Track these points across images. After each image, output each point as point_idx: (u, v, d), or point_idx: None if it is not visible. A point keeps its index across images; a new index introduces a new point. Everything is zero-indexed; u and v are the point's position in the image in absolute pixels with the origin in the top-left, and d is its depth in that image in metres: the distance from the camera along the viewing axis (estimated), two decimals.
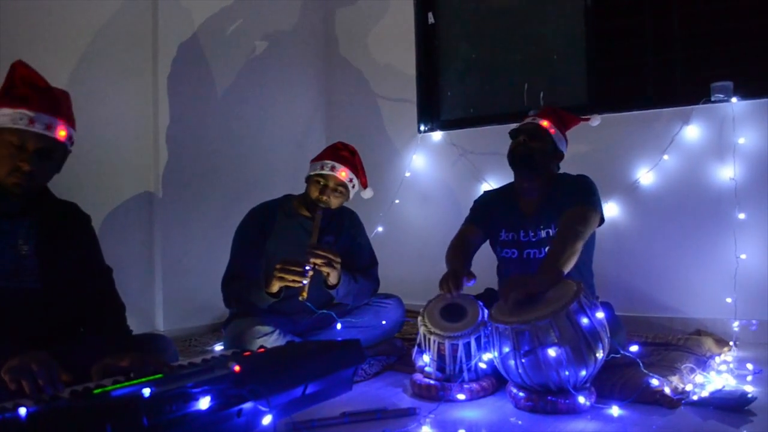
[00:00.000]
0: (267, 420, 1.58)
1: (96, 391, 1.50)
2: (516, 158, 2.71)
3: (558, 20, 3.96)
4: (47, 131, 1.85)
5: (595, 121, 2.98)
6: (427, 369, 2.39)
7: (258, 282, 2.60)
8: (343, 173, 2.76)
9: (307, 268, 2.51)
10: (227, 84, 3.98)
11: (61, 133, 1.89)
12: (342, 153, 2.83)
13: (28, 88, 1.86)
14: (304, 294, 2.49)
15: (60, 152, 1.93)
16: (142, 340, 2.12)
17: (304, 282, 2.49)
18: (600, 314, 2.18)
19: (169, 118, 3.63)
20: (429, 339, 2.38)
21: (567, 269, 2.33)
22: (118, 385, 1.53)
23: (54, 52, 3.14)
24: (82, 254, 2.06)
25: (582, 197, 2.57)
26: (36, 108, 1.83)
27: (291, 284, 2.51)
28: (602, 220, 2.62)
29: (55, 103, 1.90)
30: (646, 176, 3.47)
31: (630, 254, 3.45)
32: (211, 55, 3.87)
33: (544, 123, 2.71)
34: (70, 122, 1.94)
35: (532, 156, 2.66)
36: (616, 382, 2.28)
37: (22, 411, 1.27)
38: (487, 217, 2.82)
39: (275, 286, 2.55)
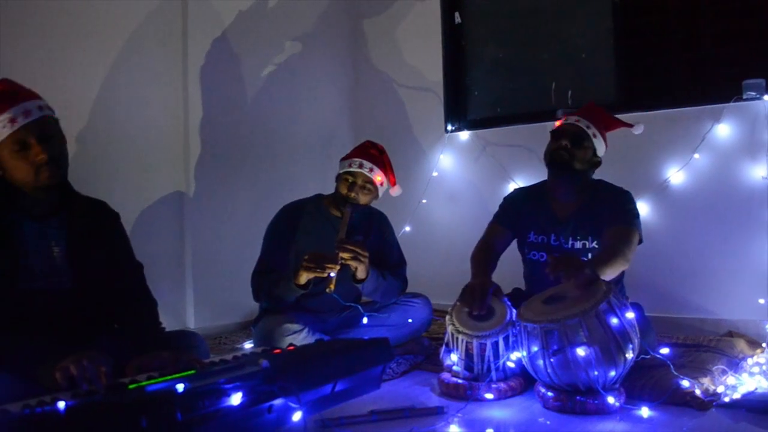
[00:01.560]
0: (297, 416, 1.60)
1: (131, 387, 1.53)
2: (555, 162, 2.64)
3: (586, 18, 3.93)
4: (30, 117, 1.82)
5: (639, 129, 2.86)
6: (454, 368, 2.39)
7: (287, 275, 2.64)
8: (371, 170, 2.79)
9: (336, 260, 2.54)
10: (256, 84, 4.02)
11: (40, 108, 1.86)
12: (370, 151, 2.86)
13: None
14: (332, 286, 2.53)
15: (53, 124, 1.91)
16: (174, 337, 2.15)
17: (332, 274, 2.52)
18: (630, 314, 2.16)
19: (199, 118, 3.68)
20: (457, 338, 2.38)
21: (604, 278, 2.30)
22: (152, 381, 1.56)
23: (88, 54, 3.20)
24: (112, 252, 2.08)
25: (626, 217, 2.55)
26: (6, 107, 1.81)
27: (318, 274, 2.54)
28: (641, 240, 2.59)
29: (15, 92, 1.86)
30: (676, 175, 3.43)
31: (660, 254, 3.41)
32: (240, 55, 3.91)
33: (588, 127, 2.63)
34: (34, 95, 1.89)
35: (572, 163, 2.60)
36: (646, 383, 2.26)
37: (61, 405, 1.31)
38: (516, 216, 2.79)
39: (303, 277, 2.58)
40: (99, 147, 3.25)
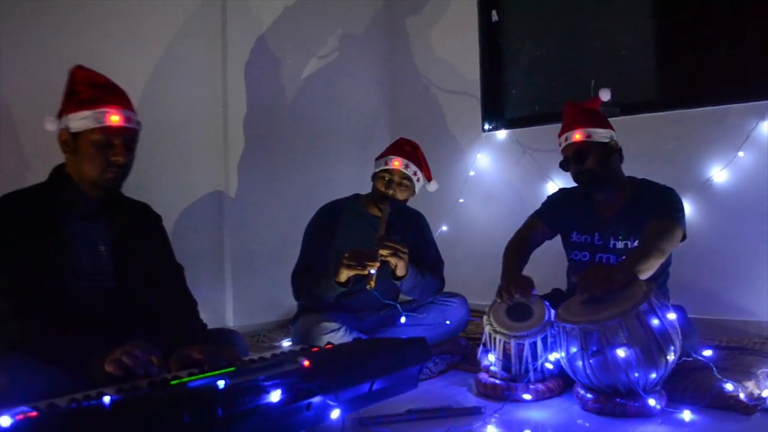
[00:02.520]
0: (335, 414, 1.62)
1: (173, 382, 1.57)
2: (583, 185, 2.65)
3: (626, 14, 3.87)
4: (127, 123, 1.93)
5: (605, 94, 2.77)
6: (492, 368, 2.38)
7: (327, 273, 2.66)
8: (407, 167, 2.80)
9: (376, 258, 2.56)
10: (295, 84, 4.06)
11: (137, 122, 1.98)
12: (405, 148, 2.88)
13: (96, 89, 1.94)
14: (372, 283, 2.54)
15: (137, 139, 2.01)
16: (214, 335, 2.18)
17: (372, 271, 2.54)
18: (671, 316, 2.13)
19: (238, 117, 3.74)
20: (494, 338, 2.37)
21: (642, 278, 2.27)
22: (194, 377, 1.60)
23: (129, 57, 3.27)
24: (154, 253, 2.13)
25: (667, 211, 2.50)
26: (113, 104, 1.91)
27: (359, 271, 2.56)
28: (684, 236, 2.53)
29: (125, 97, 1.98)
30: (719, 174, 3.36)
31: (703, 255, 3.34)
32: (279, 55, 3.95)
33: (577, 137, 2.58)
34: (135, 110, 2.00)
35: (594, 176, 2.58)
36: (688, 385, 2.22)
37: (106, 399, 1.35)
38: (559, 216, 2.77)
39: (343, 275, 2.60)
40: (141, 147, 3.27)
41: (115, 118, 1.90)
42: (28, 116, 2.82)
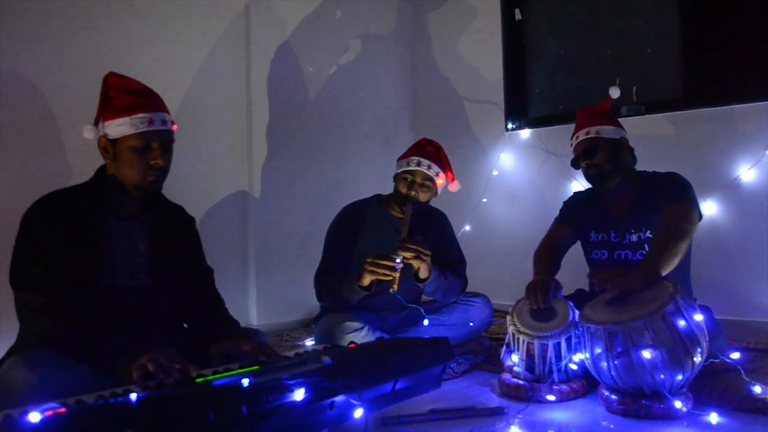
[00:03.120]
0: (358, 413, 1.62)
1: (198, 380, 1.59)
2: (593, 181, 2.69)
3: (650, 12, 3.82)
4: (164, 126, 1.98)
5: (615, 92, 2.86)
6: (515, 369, 2.37)
7: (350, 276, 2.66)
8: (429, 168, 2.79)
9: (398, 261, 2.55)
10: (317, 86, 4.07)
11: (173, 124, 2.02)
12: (427, 148, 2.87)
13: (131, 95, 1.98)
14: (395, 286, 2.54)
15: (173, 140, 2.05)
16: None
17: (395, 275, 2.53)
18: (698, 317, 2.10)
19: (262, 118, 3.77)
20: (518, 338, 2.36)
21: (666, 271, 2.26)
22: (218, 375, 1.61)
23: (154, 61, 3.31)
24: (188, 254, 2.18)
25: (677, 194, 2.51)
26: (149, 109, 1.95)
27: (382, 277, 2.56)
28: (700, 215, 2.54)
29: (159, 100, 2.02)
30: (747, 173, 3.30)
31: (730, 255, 3.30)
32: (301, 58, 3.98)
33: (586, 134, 2.66)
34: (169, 112, 2.05)
35: (603, 171, 2.62)
36: (715, 388, 2.19)
37: (133, 396, 1.37)
38: (577, 217, 2.79)
39: (366, 280, 2.60)
40: None
41: (150, 123, 1.94)
42: (70, 121, 2.91)
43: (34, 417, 1.24)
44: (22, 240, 1.90)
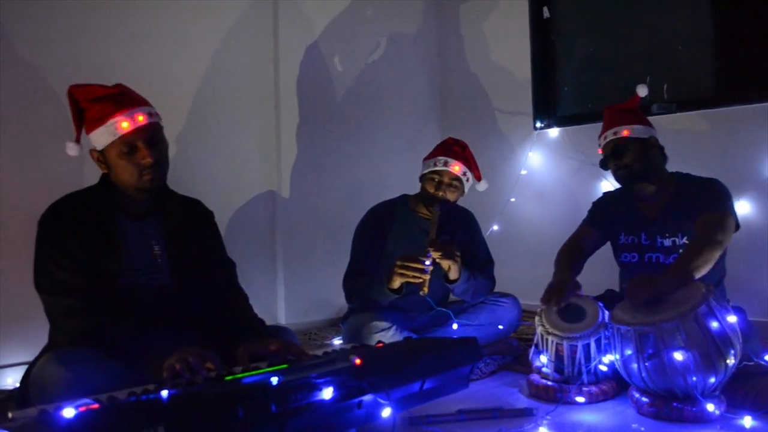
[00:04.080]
0: (386, 413, 1.62)
1: (227, 378, 1.60)
2: (623, 182, 2.64)
3: (681, 7, 3.77)
4: (143, 122, 1.91)
5: (643, 90, 2.77)
6: (544, 370, 2.36)
7: (379, 278, 2.66)
8: (456, 167, 2.78)
9: (427, 263, 2.54)
10: (344, 86, 4.09)
11: (150, 115, 1.94)
12: (454, 148, 2.85)
13: (99, 102, 1.93)
14: (425, 289, 2.53)
15: (160, 131, 2.00)
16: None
17: (425, 277, 2.53)
18: (732, 318, 2.06)
19: (290, 118, 3.79)
20: (547, 339, 2.34)
21: (698, 276, 2.22)
22: (247, 373, 1.63)
23: (183, 61, 3.35)
24: (206, 249, 2.16)
25: (716, 202, 2.44)
26: (118, 111, 1.90)
27: (412, 280, 2.55)
28: (737, 226, 2.47)
29: (128, 97, 1.96)
30: None
31: (764, 255, 3.23)
32: (328, 57, 3.99)
33: (615, 134, 2.61)
34: (147, 102, 1.99)
35: (633, 172, 2.57)
36: (749, 391, 2.14)
37: (164, 393, 1.39)
38: (606, 219, 2.74)
39: (396, 282, 2.60)
40: (196, 148, 3.40)
41: (125, 125, 1.89)
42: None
43: (69, 412, 1.27)
44: (41, 244, 1.92)
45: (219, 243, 2.24)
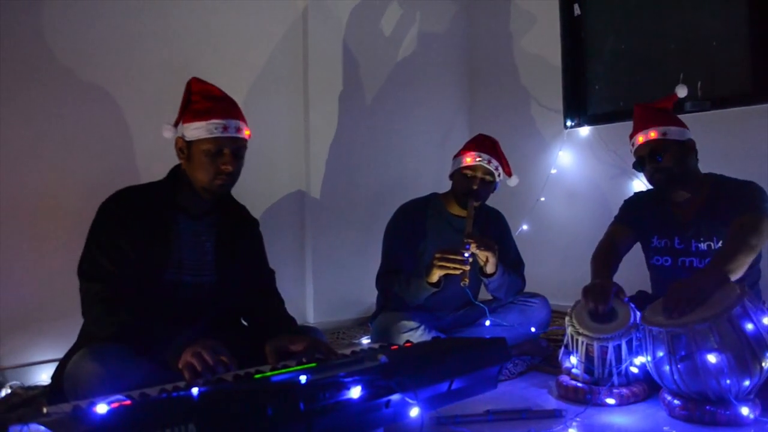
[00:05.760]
0: (414, 412, 1.62)
1: (257, 376, 1.62)
2: (659, 186, 2.55)
3: (715, 3, 3.70)
4: (237, 134, 2.06)
5: (682, 90, 2.71)
6: (574, 371, 2.33)
7: (418, 272, 2.66)
8: (488, 162, 2.77)
9: (466, 255, 2.54)
10: (373, 85, 4.09)
11: (246, 133, 2.10)
12: (485, 143, 2.86)
13: (210, 101, 2.06)
14: (466, 280, 2.54)
15: (245, 146, 2.12)
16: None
17: (465, 268, 2.53)
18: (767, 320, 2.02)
19: (318, 120, 3.81)
20: (577, 340, 2.32)
21: (733, 278, 2.17)
22: (276, 372, 1.64)
23: (212, 61, 3.39)
24: (252, 254, 2.26)
25: (751, 204, 2.37)
26: (224, 116, 2.04)
27: (452, 271, 2.55)
28: None
29: (235, 108, 2.11)
30: None
31: None
32: (358, 58, 4.00)
33: (652, 135, 2.50)
34: (244, 119, 2.12)
35: (671, 175, 2.49)
36: None
37: (195, 391, 1.41)
38: (638, 219, 2.68)
39: (435, 276, 2.59)
40: None
41: (222, 129, 2.01)
42: (139, 122, 3.03)
43: (102, 408, 1.29)
44: (93, 232, 2.00)
45: (263, 251, 2.34)
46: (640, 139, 2.55)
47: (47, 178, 2.81)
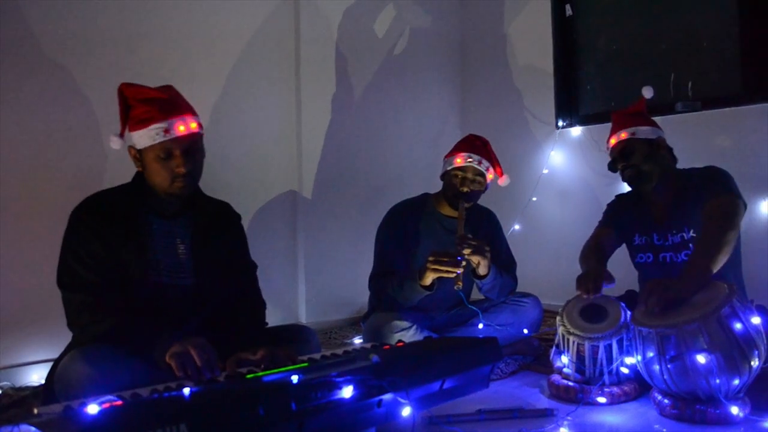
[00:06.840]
0: (406, 412, 1.63)
1: (249, 376, 1.62)
2: (630, 182, 2.63)
3: (706, 4, 3.72)
4: (184, 132, 1.94)
5: (648, 92, 2.79)
6: (565, 370, 2.34)
7: (410, 276, 2.66)
8: (479, 163, 2.78)
9: (459, 258, 2.54)
10: (365, 84, 4.10)
11: (192, 126, 1.97)
12: (475, 143, 2.86)
13: (147, 104, 1.95)
14: (460, 283, 2.54)
15: (199, 141, 2.03)
16: (287, 330, 2.24)
17: (459, 272, 2.53)
18: (756, 319, 2.04)
19: (311, 120, 3.81)
20: (568, 339, 2.33)
21: (716, 268, 2.19)
22: (268, 372, 1.64)
23: (207, 63, 3.38)
24: (231, 252, 2.18)
25: (718, 186, 2.41)
26: (164, 117, 1.93)
27: (445, 275, 2.55)
28: (745, 205, 2.41)
29: (175, 104, 1.98)
30: None
31: None
32: (350, 57, 4.01)
33: (621, 136, 2.61)
34: (192, 111, 2.01)
35: (640, 172, 2.57)
36: None
37: (186, 391, 1.42)
38: (620, 221, 2.74)
39: (428, 279, 2.59)
40: (218, 148, 3.41)
41: (165, 132, 1.92)
42: (110, 122, 2.96)
43: (93, 409, 1.29)
44: (67, 240, 1.95)
45: (243, 246, 2.27)
46: (612, 141, 2.67)
47: (37, 177, 2.80)
